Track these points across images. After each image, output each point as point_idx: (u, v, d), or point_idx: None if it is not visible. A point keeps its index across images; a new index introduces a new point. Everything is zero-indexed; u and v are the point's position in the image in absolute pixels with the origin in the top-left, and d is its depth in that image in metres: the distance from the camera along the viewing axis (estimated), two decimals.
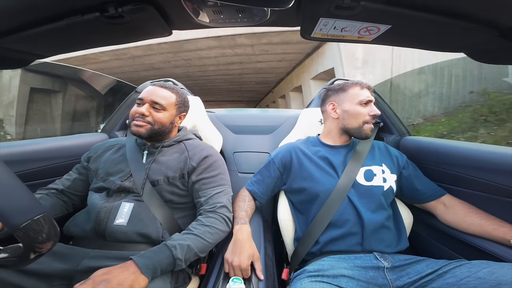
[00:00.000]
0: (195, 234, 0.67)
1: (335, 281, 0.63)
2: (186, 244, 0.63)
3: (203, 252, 0.68)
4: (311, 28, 0.58)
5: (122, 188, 0.76)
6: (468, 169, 0.80)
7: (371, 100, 0.86)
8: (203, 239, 0.67)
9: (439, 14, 0.49)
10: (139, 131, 0.78)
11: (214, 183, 0.81)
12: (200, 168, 0.81)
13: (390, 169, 0.85)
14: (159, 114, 0.81)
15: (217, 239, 0.72)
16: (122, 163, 0.81)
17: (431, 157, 0.95)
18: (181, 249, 0.62)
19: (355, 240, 0.74)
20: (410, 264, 0.68)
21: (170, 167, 0.79)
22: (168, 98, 0.83)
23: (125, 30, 0.61)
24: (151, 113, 0.80)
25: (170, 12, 0.56)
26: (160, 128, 0.82)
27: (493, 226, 0.69)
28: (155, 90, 0.83)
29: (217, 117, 1.49)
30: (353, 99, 0.86)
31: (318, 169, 0.85)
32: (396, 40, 0.64)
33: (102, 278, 0.51)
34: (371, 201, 0.78)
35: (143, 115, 0.78)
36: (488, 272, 0.54)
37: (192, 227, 0.70)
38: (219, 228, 0.72)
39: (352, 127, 0.86)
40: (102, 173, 0.80)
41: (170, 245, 0.62)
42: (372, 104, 0.86)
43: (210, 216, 0.73)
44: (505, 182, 0.69)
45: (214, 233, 0.71)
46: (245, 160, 1.36)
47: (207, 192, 0.78)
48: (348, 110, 0.86)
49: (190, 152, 0.83)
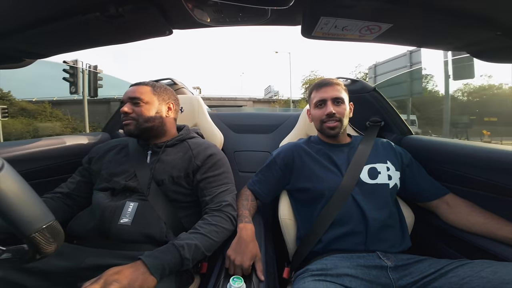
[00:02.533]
0: (202, 233, 0.67)
1: (339, 280, 0.63)
2: (193, 243, 0.63)
3: (210, 251, 0.68)
4: (312, 27, 0.58)
5: (127, 188, 0.76)
6: (471, 168, 0.80)
7: (325, 99, 0.87)
8: (210, 238, 0.68)
9: (440, 13, 0.49)
10: (128, 130, 0.79)
11: (219, 181, 0.81)
12: (204, 166, 0.81)
13: (395, 166, 0.85)
14: (140, 108, 0.81)
15: (223, 237, 0.72)
16: (126, 163, 0.81)
17: (433, 156, 0.94)
18: (189, 249, 0.62)
19: (358, 239, 0.73)
20: (413, 263, 0.67)
21: (175, 167, 0.79)
22: (143, 90, 0.84)
23: (126, 30, 0.61)
24: (133, 109, 0.80)
25: (170, 11, 0.56)
26: (148, 122, 0.81)
27: (497, 225, 0.68)
28: (132, 88, 0.84)
29: (218, 116, 1.49)
30: (312, 103, 0.93)
31: (321, 168, 0.85)
32: (398, 39, 0.64)
33: (113, 278, 0.51)
34: (376, 199, 0.78)
35: (126, 113, 0.79)
36: (491, 272, 0.54)
37: (199, 226, 0.69)
38: (225, 226, 0.72)
39: (318, 129, 0.93)
40: (106, 173, 0.79)
41: (177, 244, 0.61)
42: (327, 104, 0.86)
43: (216, 215, 0.73)
44: (508, 181, 0.69)
45: (220, 231, 0.71)
46: (246, 159, 1.36)
47: (212, 190, 0.78)
48: (312, 115, 0.94)
49: (194, 151, 0.83)
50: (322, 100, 0.87)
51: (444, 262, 0.63)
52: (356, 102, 0.96)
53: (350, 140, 0.94)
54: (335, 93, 0.86)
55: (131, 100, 0.81)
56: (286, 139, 1.16)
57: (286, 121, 1.44)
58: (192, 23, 0.61)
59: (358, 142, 0.91)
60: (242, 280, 0.58)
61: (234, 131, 1.46)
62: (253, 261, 0.66)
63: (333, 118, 0.85)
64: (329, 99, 0.86)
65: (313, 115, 0.92)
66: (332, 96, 0.86)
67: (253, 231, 0.75)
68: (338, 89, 0.88)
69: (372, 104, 1.20)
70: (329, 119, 0.86)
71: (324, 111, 0.86)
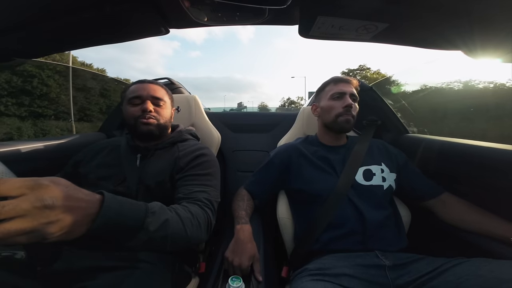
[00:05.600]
0: (177, 214, 0.54)
1: (337, 279, 0.62)
2: (164, 218, 0.49)
3: (173, 240, 0.51)
4: (309, 26, 0.58)
5: (116, 193, 0.72)
6: (468, 167, 0.80)
7: (344, 92, 0.87)
8: (183, 224, 0.53)
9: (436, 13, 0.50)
10: (149, 129, 0.76)
11: (199, 181, 0.71)
12: (188, 166, 0.75)
13: (390, 167, 0.85)
14: (162, 109, 0.79)
15: (192, 234, 0.56)
16: (115, 167, 0.77)
17: (430, 155, 0.95)
18: (156, 221, 0.47)
19: (356, 239, 0.74)
20: (410, 262, 0.67)
21: (162, 171, 0.75)
22: (162, 92, 0.82)
23: (122, 29, 0.60)
24: (155, 109, 0.78)
25: (167, 10, 0.56)
26: (165, 125, 0.81)
27: (493, 224, 0.69)
28: (151, 86, 0.80)
29: (216, 116, 1.48)
30: (326, 95, 0.91)
31: (317, 170, 0.85)
32: (394, 38, 0.65)
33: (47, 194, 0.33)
34: (371, 201, 0.78)
35: (150, 111, 0.75)
36: (488, 270, 0.54)
37: (175, 207, 0.57)
38: (201, 222, 0.59)
39: (327, 122, 0.90)
40: (94, 177, 0.76)
41: (148, 207, 0.48)
42: (346, 97, 0.86)
43: (196, 206, 0.62)
44: (504, 180, 0.69)
45: (195, 224, 0.57)
46: (245, 159, 1.36)
47: (187, 188, 0.68)
48: (323, 107, 0.91)
49: (181, 153, 0.79)
50: (342, 92, 0.87)
51: (441, 261, 0.63)
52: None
53: (346, 141, 0.94)
54: (353, 90, 0.89)
55: (153, 99, 0.78)
56: (284, 138, 1.16)
57: (284, 120, 1.45)
58: (189, 22, 0.61)
59: (353, 143, 0.91)
60: (241, 280, 0.58)
61: (233, 131, 1.46)
62: (251, 261, 0.66)
63: (349, 113, 0.86)
64: (349, 93, 0.87)
65: (327, 106, 0.89)
66: (350, 92, 0.88)
67: (250, 232, 0.75)
68: (353, 87, 0.90)
69: (369, 103, 1.20)
70: (346, 112, 0.85)
71: (342, 103, 0.85)
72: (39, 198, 0.31)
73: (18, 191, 0.30)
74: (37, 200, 0.31)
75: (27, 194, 0.31)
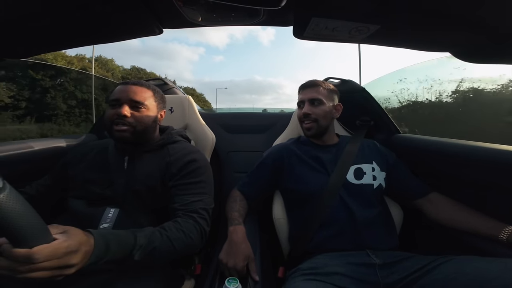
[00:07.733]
0: (168, 237, 0.59)
1: (329, 279, 0.63)
2: (152, 247, 0.55)
3: (161, 258, 0.59)
4: (303, 27, 0.58)
5: (103, 197, 0.70)
6: (456, 166, 0.82)
7: (302, 100, 0.92)
8: (172, 245, 0.59)
9: (426, 15, 0.51)
10: (123, 136, 0.70)
11: (193, 190, 0.71)
12: (180, 173, 0.73)
13: (380, 166, 0.87)
14: (141, 114, 0.72)
15: (184, 250, 0.63)
16: (102, 170, 0.74)
17: (420, 154, 0.97)
18: (143, 251, 0.54)
19: (347, 238, 0.75)
20: (400, 261, 0.68)
21: (151, 175, 0.73)
22: (146, 95, 0.74)
23: (115, 29, 0.59)
24: (132, 113, 0.71)
25: (161, 10, 0.55)
26: (145, 130, 0.74)
27: (480, 222, 0.71)
28: (131, 88, 0.73)
29: (210, 116, 1.48)
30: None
31: (309, 169, 0.86)
32: (384, 40, 0.66)
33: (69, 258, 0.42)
34: (362, 199, 0.80)
35: (124, 116, 0.69)
36: (474, 268, 0.55)
37: (168, 228, 0.61)
38: (193, 238, 0.64)
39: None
40: (81, 180, 0.74)
41: (138, 240, 0.53)
42: (305, 104, 0.90)
43: (190, 222, 0.65)
44: (492, 178, 0.71)
45: (187, 242, 0.62)
46: (240, 160, 1.35)
47: (183, 198, 0.69)
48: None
49: (173, 157, 0.76)
50: (301, 101, 0.93)
51: (429, 258, 0.65)
52: (346, 102, 0.97)
53: (337, 141, 0.95)
54: (312, 95, 0.90)
55: (131, 103, 0.71)
56: (279, 139, 1.17)
57: (279, 120, 1.45)
58: (183, 22, 0.60)
59: (345, 143, 0.92)
60: (238, 281, 0.58)
61: (228, 132, 1.45)
62: (246, 262, 0.66)
63: (308, 119, 0.89)
64: (306, 100, 0.90)
65: (297, 114, 0.98)
66: (309, 97, 0.90)
67: (244, 232, 0.75)
68: (317, 90, 0.90)
69: (361, 104, 1.22)
70: (305, 119, 0.90)
71: (300, 112, 0.92)
72: (65, 263, 0.41)
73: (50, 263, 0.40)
74: (63, 263, 0.41)
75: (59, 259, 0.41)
